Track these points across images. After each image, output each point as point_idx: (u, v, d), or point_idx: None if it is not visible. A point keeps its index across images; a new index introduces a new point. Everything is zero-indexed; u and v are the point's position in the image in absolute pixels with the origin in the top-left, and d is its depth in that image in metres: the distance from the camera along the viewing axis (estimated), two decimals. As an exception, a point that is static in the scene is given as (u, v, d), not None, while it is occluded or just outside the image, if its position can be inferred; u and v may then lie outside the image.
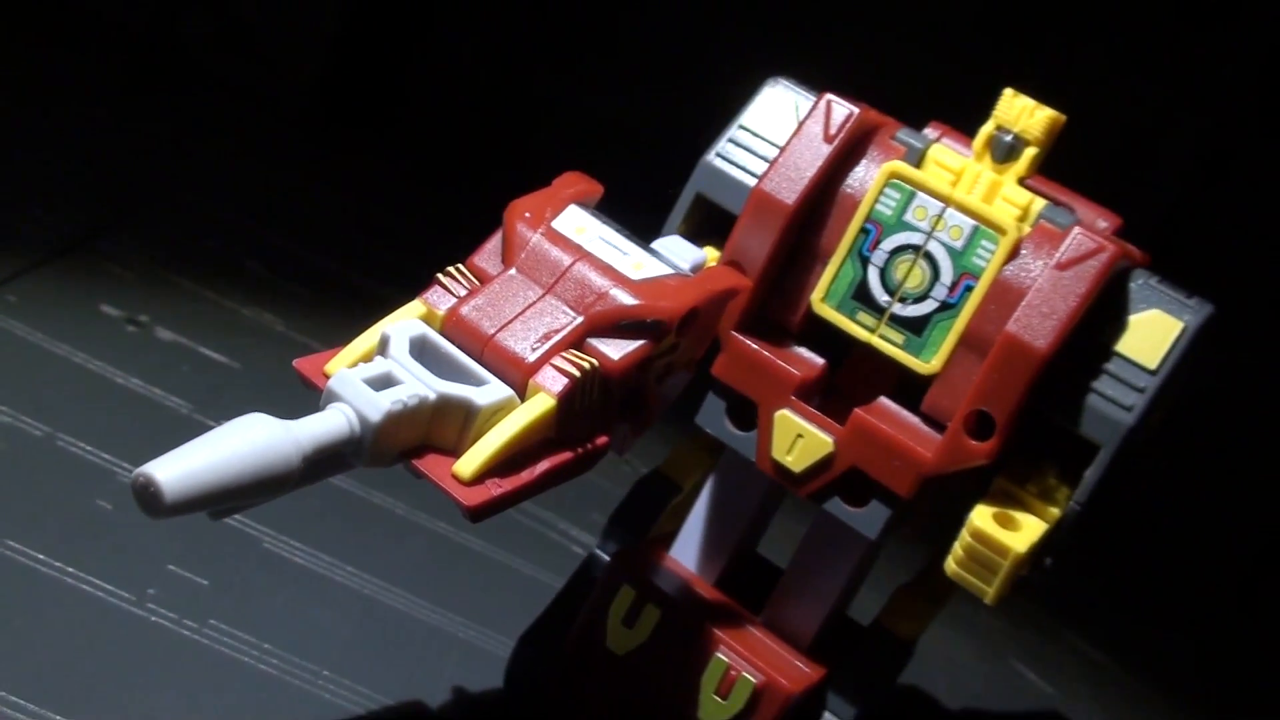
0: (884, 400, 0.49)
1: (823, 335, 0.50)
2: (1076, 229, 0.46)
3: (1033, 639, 0.96)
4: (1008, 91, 0.50)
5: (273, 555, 0.59)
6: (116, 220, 0.85)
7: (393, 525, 0.67)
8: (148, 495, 0.33)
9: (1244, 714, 1.00)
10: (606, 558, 0.54)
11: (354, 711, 0.52)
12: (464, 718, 0.55)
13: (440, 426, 0.40)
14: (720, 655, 0.50)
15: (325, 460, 0.38)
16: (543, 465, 0.41)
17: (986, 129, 0.50)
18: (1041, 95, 0.51)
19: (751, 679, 0.49)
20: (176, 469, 0.34)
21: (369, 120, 1.34)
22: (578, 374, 0.41)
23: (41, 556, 0.51)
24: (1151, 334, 0.46)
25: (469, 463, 0.39)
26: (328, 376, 0.40)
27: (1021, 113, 0.50)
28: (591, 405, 0.42)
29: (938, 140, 0.52)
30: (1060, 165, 0.51)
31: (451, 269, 0.44)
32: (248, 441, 0.35)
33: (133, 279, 0.78)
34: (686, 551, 0.54)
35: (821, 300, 0.49)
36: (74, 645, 0.48)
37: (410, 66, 1.39)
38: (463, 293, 0.43)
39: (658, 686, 0.51)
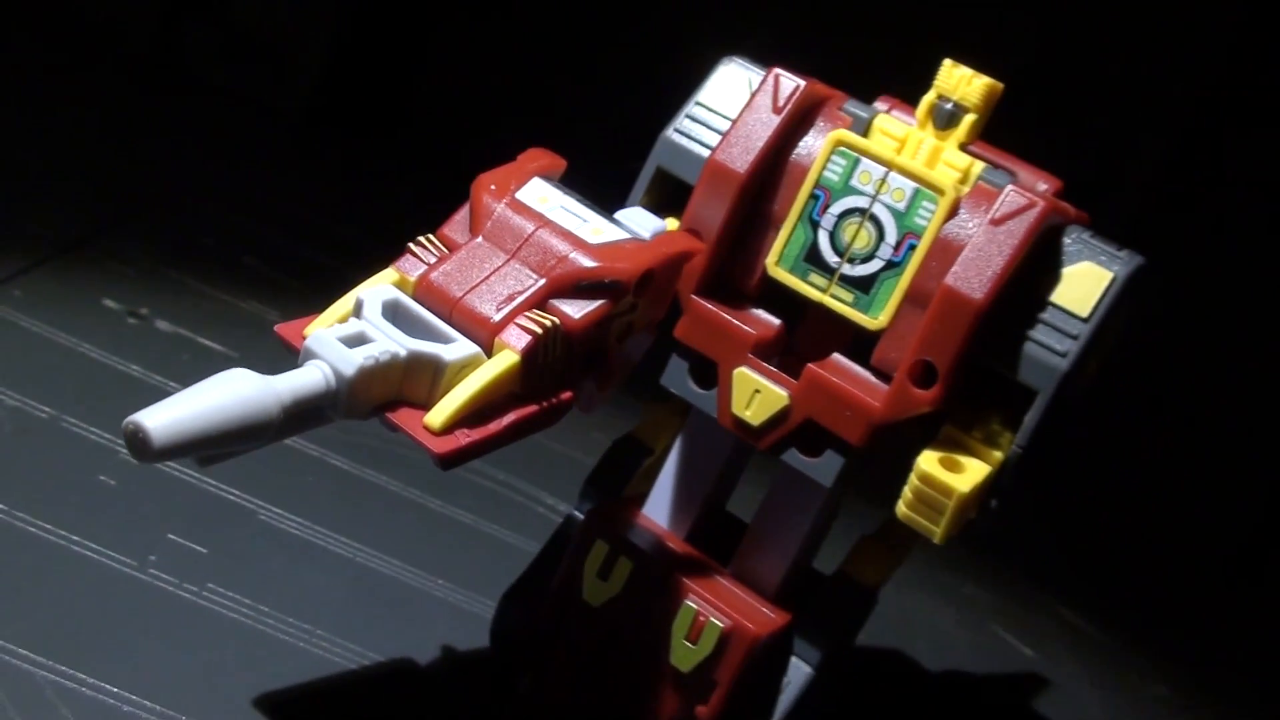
0: (837, 356, 0.52)
1: (779, 297, 0.53)
2: (1009, 187, 0.49)
3: (1016, 610, 0.98)
4: (947, 62, 0.53)
5: (268, 526, 0.63)
6: (118, 220, 0.89)
7: (383, 499, 0.70)
8: (137, 441, 0.37)
9: (1227, 675, 1.03)
10: (582, 518, 0.57)
11: (347, 667, 0.55)
12: (452, 672, 0.58)
13: (412, 382, 0.43)
14: (689, 603, 0.53)
15: (303, 413, 0.41)
16: (509, 417, 0.44)
17: (928, 98, 0.53)
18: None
19: (719, 624, 0.52)
20: (164, 417, 0.37)
21: (363, 124, 1.38)
22: (540, 331, 0.44)
23: (49, 526, 0.55)
24: (1083, 284, 0.49)
25: (439, 414, 0.43)
26: (302, 344, 0.43)
27: (960, 82, 0.53)
28: (554, 362, 0.45)
29: (887, 112, 0.55)
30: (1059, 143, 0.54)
31: (422, 239, 0.47)
32: (231, 392, 0.38)
33: (133, 275, 0.82)
34: (658, 509, 0.57)
35: (776, 263, 0.52)
36: (80, 606, 0.51)
37: (406, 72, 1.43)
38: (433, 260, 0.46)
39: (632, 634, 0.54)
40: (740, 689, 0.53)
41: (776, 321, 0.53)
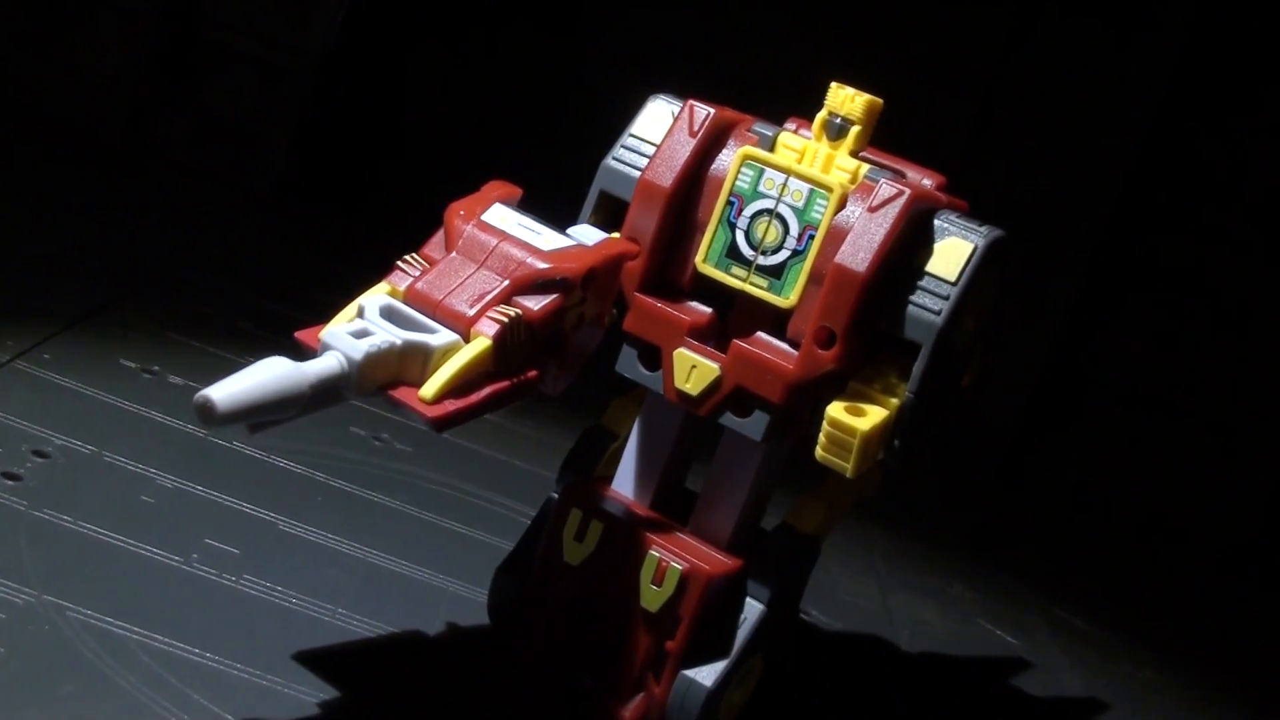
0: (759, 333, 0.71)
1: (710, 290, 0.72)
2: (883, 181, 0.68)
3: (1000, 605, 1.16)
4: (834, 84, 0.72)
5: (287, 534, 0.81)
6: (121, 294, 1.08)
7: (385, 514, 0.89)
8: (206, 410, 0.55)
9: (1216, 661, 1.20)
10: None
11: (367, 635, 0.74)
12: (457, 640, 0.76)
13: (407, 366, 0.62)
14: (653, 552, 0.71)
15: (325, 391, 0.59)
16: (486, 390, 0.63)
17: (821, 115, 0.72)
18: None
19: (678, 566, 0.70)
20: (225, 390, 0.55)
21: (333, 196, 1.59)
22: (506, 320, 0.63)
23: (108, 532, 0.73)
24: (951, 255, 0.68)
25: (430, 387, 0.61)
26: (318, 342, 0.62)
27: (845, 99, 0.72)
28: (520, 346, 0.64)
29: (795, 130, 0.74)
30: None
31: (408, 257, 0.66)
32: (272, 372, 0.57)
33: (143, 339, 1.01)
34: (624, 483, 0.76)
35: (703, 261, 0.71)
36: (145, 589, 0.69)
37: (371, 145, 1.65)
38: (417, 273, 0.65)
39: (606, 585, 0.72)
40: (702, 624, 0.71)
41: (708, 310, 0.72)
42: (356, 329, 0.61)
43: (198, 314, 1.10)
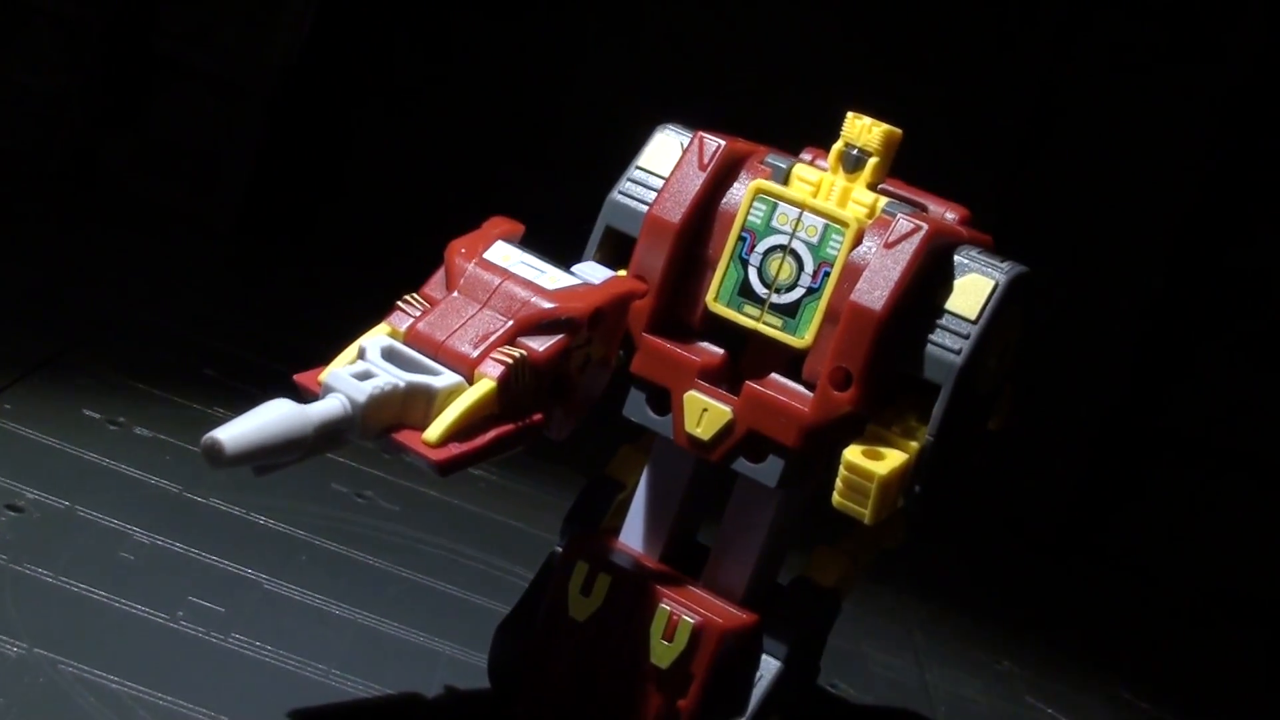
0: (773, 375, 0.83)
1: (721, 330, 0.84)
2: (900, 215, 0.80)
3: (1054, 683, 1.28)
4: (850, 114, 0.85)
5: (274, 594, 0.93)
6: (77, 340, 1.21)
7: (374, 575, 1.01)
8: (215, 452, 0.67)
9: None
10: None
11: (362, 697, 0.86)
12: (456, 703, 0.88)
13: (410, 409, 0.74)
14: (664, 605, 0.83)
15: (329, 433, 0.71)
16: (491, 433, 0.75)
17: (837, 147, 0.85)
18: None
19: (690, 620, 0.82)
20: (232, 432, 0.68)
21: (300, 229, 1.73)
22: (510, 361, 0.75)
23: (90, 588, 0.85)
24: (971, 292, 0.80)
25: (434, 430, 0.73)
26: (319, 385, 0.74)
27: (862, 130, 0.84)
28: (525, 388, 0.76)
29: (810, 161, 0.87)
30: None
31: (408, 297, 0.78)
32: (278, 414, 0.69)
33: (104, 388, 1.13)
34: (632, 535, 0.87)
35: (714, 299, 0.83)
36: (133, 644, 0.81)
37: (335, 176, 1.79)
38: (418, 314, 0.78)
39: (615, 640, 0.83)
40: (715, 682, 0.82)
41: (719, 350, 0.84)
42: (359, 370, 0.73)
43: (159, 361, 1.23)
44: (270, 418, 0.69)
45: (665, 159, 0.86)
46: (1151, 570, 1.65)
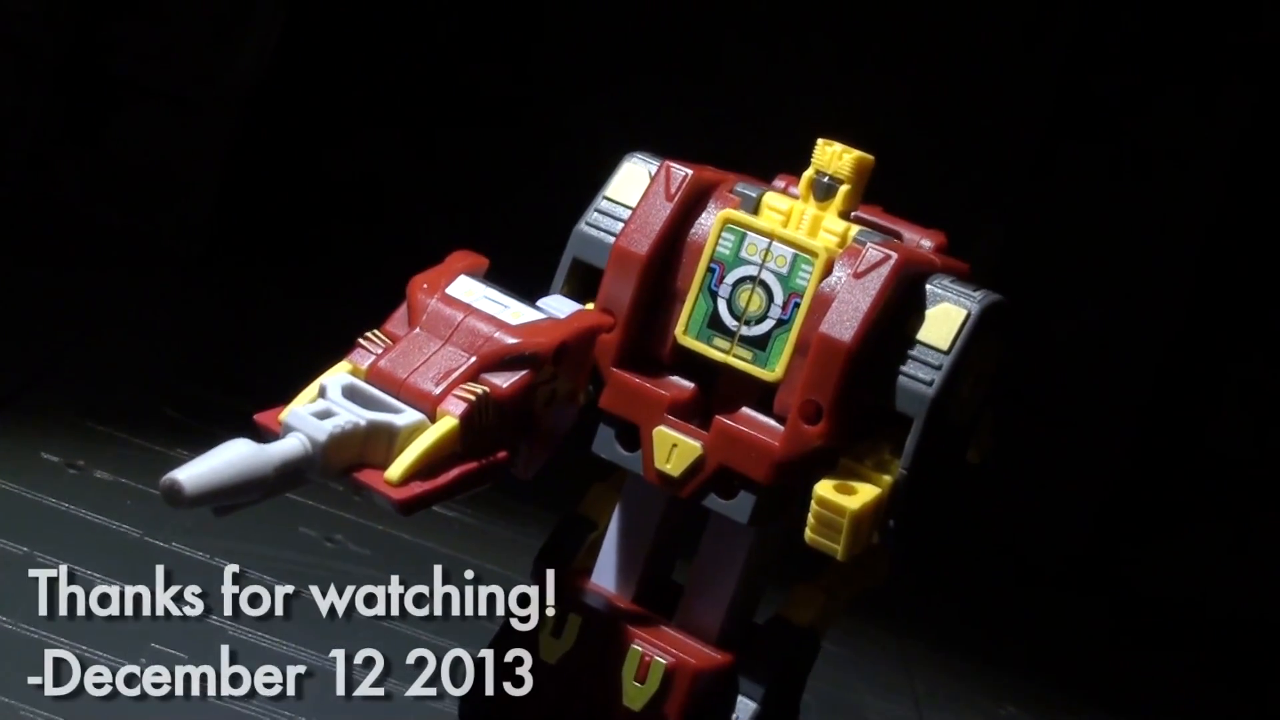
0: (745, 409, 0.89)
1: (692, 363, 0.90)
2: (869, 244, 0.87)
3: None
4: (820, 140, 0.92)
5: (239, 640, 1.00)
6: (33, 377, 1.28)
7: (347, 622, 1.08)
8: (174, 492, 0.74)
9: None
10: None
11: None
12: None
13: (372, 447, 0.80)
14: (636, 646, 0.89)
15: (289, 473, 0.78)
16: (454, 471, 0.81)
17: (808, 174, 0.91)
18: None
19: (663, 660, 0.88)
20: (191, 472, 0.74)
21: (265, 257, 1.80)
22: (473, 398, 0.82)
23: (52, 635, 0.92)
24: (943, 322, 0.86)
25: (396, 469, 0.80)
26: (280, 424, 0.81)
27: (833, 157, 0.91)
28: (489, 425, 0.83)
29: (783, 189, 0.93)
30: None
31: (369, 334, 0.85)
32: (237, 454, 0.76)
33: (63, 430, 1.21)
34: (604, 575, 0.94)
35: (684, 333, 0.90)
36: (94, 695, 0.89)
37: (310, 197, 1.85)
38: (379, 351, 0.84)
39: (587, 682, 0.89)
40: (690, 724, 0.89)
41: (690, 385, 0.90)
42: (319, 409, 0.80)
43: (120, 400, 1.30)
44: (229, 457, 0.75)
45: (633, 189, 0.92)
46: (1173, 605, 1.70)
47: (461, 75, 1.83)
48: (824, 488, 0.84)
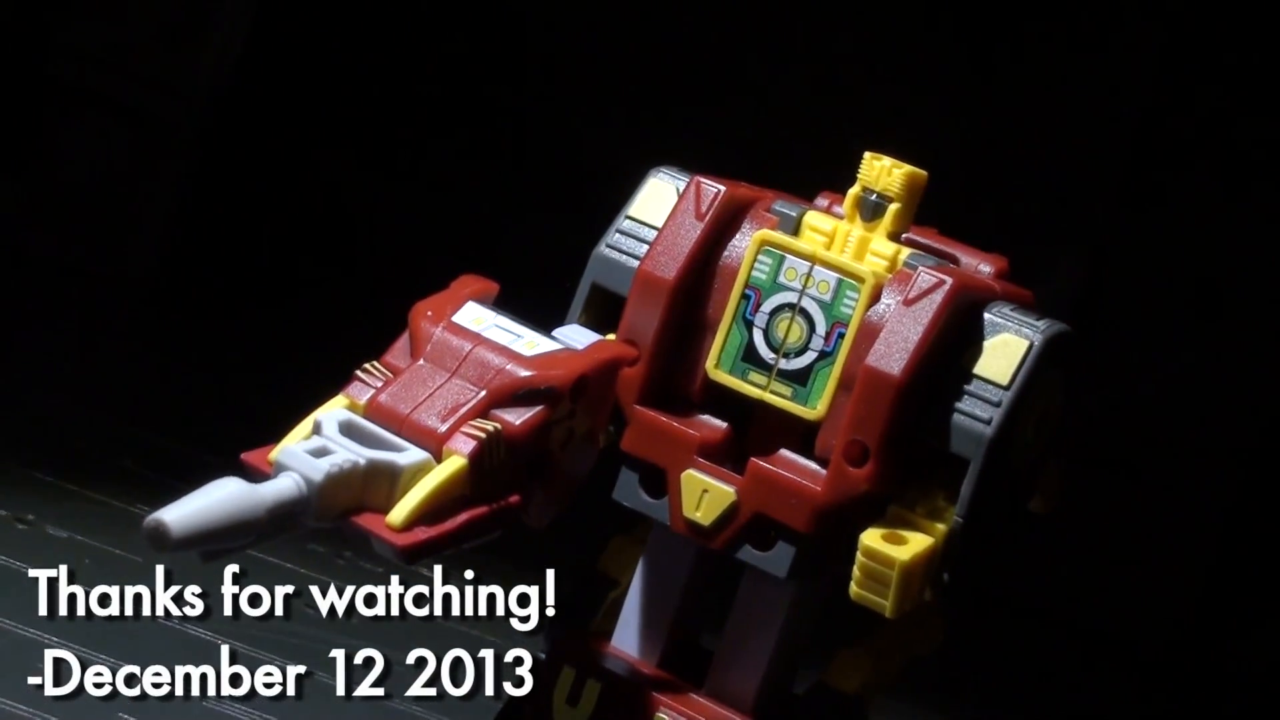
0: (783, 451, 0.95)
1: (724, 400, 0.96)
2: (920, 269, 0.94)
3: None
4: (868, 155, 0.98)
5: (213, 712, 1.07)
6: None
7: (331, 694, 1.15)
8: (158, 535, 0.81)
9: None
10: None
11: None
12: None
13: (372, 489, 0.87)
14: (662, 716, 0.95)
15: (282, 516, 0.85)
16: (462, 516, 0.88)
17: (853, 192, 0.97)
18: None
19: (693, 734, 0.95)
20: (177, 513, 0.81)
21: (226, 288, 1.85)
22: (483, 436, 0.88)
23: (13, 703, 0.99)
24: (1003, 355, 0.92)
25: (398, 513, 0.86)
26: (270, 464, 0.88)
27: (881, 173, 0.97)
28: (500, 466, 0.89)
29: (826, 209, 1.00)
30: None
31: (368, 365, 0.92)
32: (227, 494, 0.82)
33: (9, 482, 1.28)
34: (625, 637, 1.00)
35: (715, 366, 0.96)
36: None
37: (276, 220, 1.91)
38: (379, 384, 0.91)
39: (606, 756, 0.96)
40: (721, 804, 0.95)
41: (722, 424, 0.96)
42: (314, 446, 0.87)
43: (71, 450, 1.37)
44: (219, 497, 0.82)
45: (659, 208, 0.98)
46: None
47: (457, 85, 1.89)
48: (871, 537, 0.89)
